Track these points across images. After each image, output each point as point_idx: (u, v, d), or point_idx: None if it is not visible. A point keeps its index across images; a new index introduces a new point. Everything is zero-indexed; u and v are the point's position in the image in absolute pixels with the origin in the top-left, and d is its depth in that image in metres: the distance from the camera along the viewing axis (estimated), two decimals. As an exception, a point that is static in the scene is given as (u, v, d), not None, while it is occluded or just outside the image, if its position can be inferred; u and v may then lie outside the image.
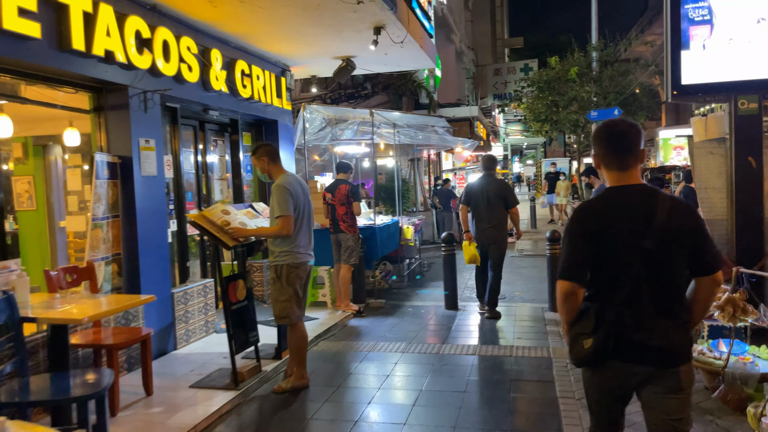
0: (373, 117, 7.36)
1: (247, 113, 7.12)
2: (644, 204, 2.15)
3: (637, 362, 2.15)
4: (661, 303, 2.14)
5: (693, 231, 2.15)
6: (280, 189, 4.33)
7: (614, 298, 2.15)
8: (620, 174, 2.22)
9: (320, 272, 7.37)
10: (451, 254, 7.18)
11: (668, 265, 2.14)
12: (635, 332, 2.13)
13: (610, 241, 2.14)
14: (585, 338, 2.17)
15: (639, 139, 2.23)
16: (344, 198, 6.83)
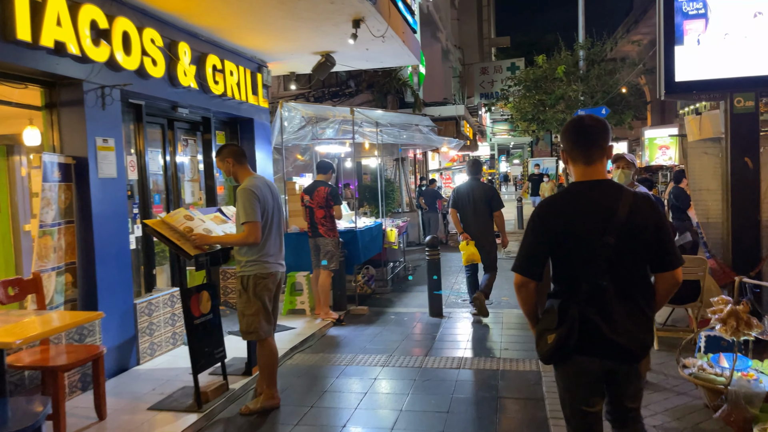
0: (354, 115, 7.00)
1: (220, 111, 6.73)
2: (607, 199, 2.15)
3: (601, 357, 2.17)
4: (624, 298, 2.15)
5: (655, 227, 2.15)
6: (246, 193, 3.95)
7: (577, 294, 2.14)
8: (585, 168, 2.23)
9: (298, 278, 6.99)
10: (435, 260, 6.84)
11: (631, 260, 2.14)
12: (598, 328, 2.13)
13: (573, 237, 2.15)
14: (549, 334, 2.18)
15: (605, 134, 2.23)
16: (323, 201, 6.46)
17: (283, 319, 6.68)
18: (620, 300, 2.14)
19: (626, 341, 2.14)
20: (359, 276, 8.34)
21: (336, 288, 7.08)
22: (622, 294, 2.15)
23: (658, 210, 2.21)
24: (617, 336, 2.13)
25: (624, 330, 2.14)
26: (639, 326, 2.17)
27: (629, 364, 2.21)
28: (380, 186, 8.92)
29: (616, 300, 2.14)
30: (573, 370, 2.24)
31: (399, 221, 9.58)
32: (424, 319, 6.79)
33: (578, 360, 2.19)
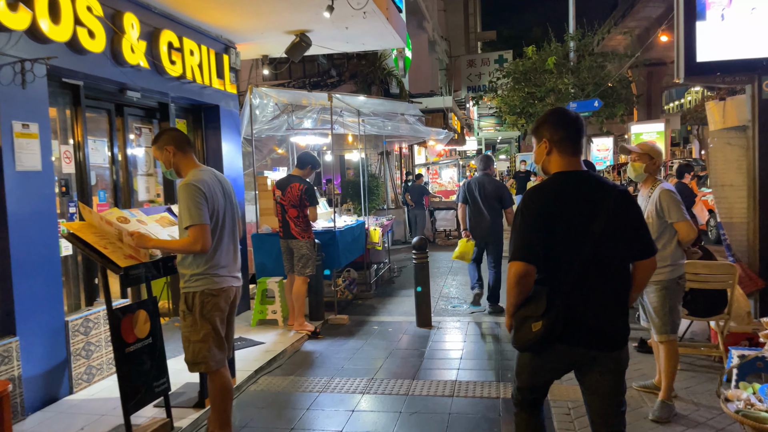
0: (332, 102, 6.18)
1: (180, 96, 5.87)
2: (592, 190, 2.20)
3: (584, 346, 2.18)
4: (608, 287, 2.19)
5: (634, 216, 2.22)
6: (190, 190, 3.13)
7: (565, 282, 2.15)
8: (572, 159, 2.25)
9: (270, 285, 6.17)
10: (423, 263, 6.05)
11: (615, 249, 2.18)
12: (584, 316, 2.16)
13: (563, 225, 2.16)
14: (533, 321, 2.15)
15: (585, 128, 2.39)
16: (296, 199, 5.63)
17: (251, 332, 5.87)
18: (604, 288, 2.18)
19: (610, 328, 2.19)
20: (339, 280, 7.54)
21: (312, 295, 6.28)
22: (606, 282, 2.18)
23: (633, 200, 2.27)
24: (601, 324, 2.17)
25: (607, 318, 2.19)
26: (621, 314, 2.23)
27: (610, 351, 2.21)
28: (363, 182, 8.11)
29: (600, 288, 2.17)
30: (551, 357, 2.23)
31: (383, 219, 8.78)
32: (411, 329, 6.01)
33: (559, 348, 2.18)
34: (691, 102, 46.58)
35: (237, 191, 6.78)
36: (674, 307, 3.74)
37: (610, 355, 2.21)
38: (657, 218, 3.71)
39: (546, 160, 2.30)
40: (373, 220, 8.40)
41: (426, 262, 6.09)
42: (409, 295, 7.76)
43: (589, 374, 2.25)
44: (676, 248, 3.72)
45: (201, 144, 6.48)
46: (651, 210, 3.76)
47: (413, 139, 10.49)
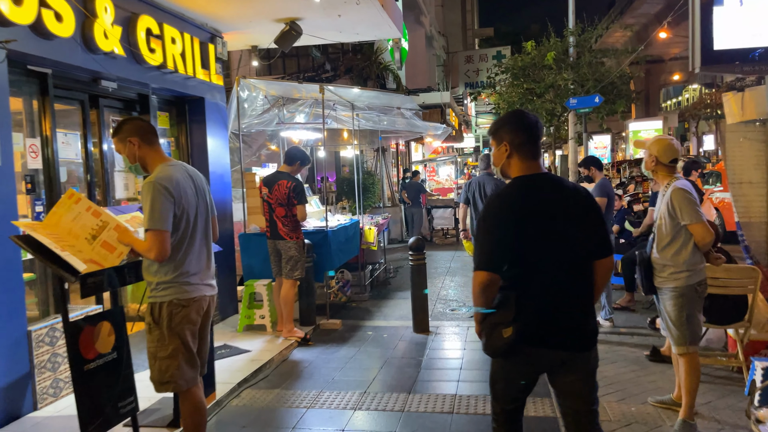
0: (324, 94, 5.81)
1: (161, 87, 5.48)
2: (554, 192, 2.20)
3: (555, 347, 2.17)
4: (575, 287, 2.19)
5: (595, 215, 2.24)
6: (154, 189, 2.75)
7: (533, 286, 2.15)
8: (532, 163, 2.25)
9: (258, 288, 5.80)
10: (420, 264, 5.69)
11: (580, 250, 2.19)
12: (555, 318, 2.15)
13: (527, 229, 2.15)
14: (504, 327, 2.13)
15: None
16: (284, 197, 5.26)
17: (238, 338, 5.50)
18: (572, 289, 2.18)
19: (580, 329, 2.19)
20: (332, 282, 7.18)
21: (303, 299, 5.92)
22: (573, 283, 2.18)
23: (593, 198, 2.30)
24: (571, 325, 2.17)
25: (577, 318, 2.18)
26: (588, 314, 2.24)
27: (578, 353, 2.20)
28: (357, 179, 7.73)
29: (568, 289, 2.17)
30: (522, 361, 2.21)
31: (379, 218, 8.42)
32: (408, 336, 5.65)
33: (531, 351, 2.17)
34: (688, 100, 46.35)
35: (223, 189, 6.45)
36: (693, 316, 3.39)
37: (581, 355, 2.20)
38: (669, 219, 3.36)
39: (506, 164, 2.28)
40: (368, 219, 8.03)
41: (423, 264, 5.73)
42: (405, 298, 7.40)
43: (559, 376, 2.24)
44: (693, 252, 3.36)
45: (185, 139, 6.10)
46: (663, 210, 3.42)
47: (410, 135, 10.11)
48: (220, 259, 6.08)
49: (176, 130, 6.06)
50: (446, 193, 13.95)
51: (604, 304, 5.85)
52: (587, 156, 6.11)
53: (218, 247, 4.11)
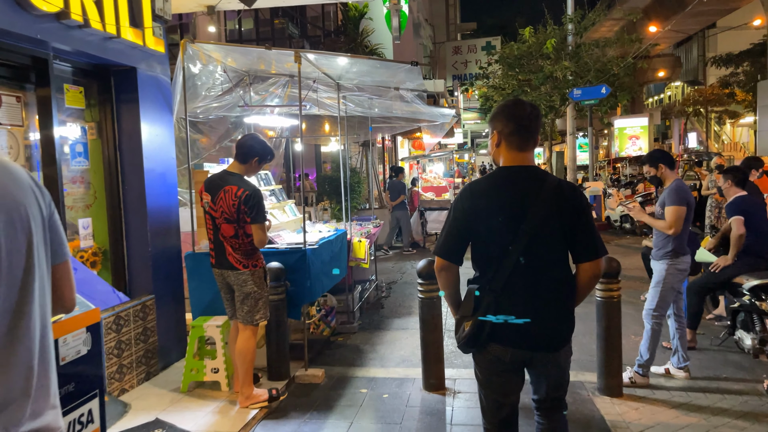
0: (300, 64, 4.11)
1: (70, 50, 3.77)
2: (528, 186, 2.08)
3: (516, 346, 2.09)
4: (541, 287, 2.07)
5: (576, 215, 2.08)
6: None
7: (493, 281, 2.07)
8: (517, 154, 2.14)
9: (210, 329, 4.13)
10: (432, 298, 4.07)
11: (549, 249, 2.07)
12: (513, 316, 2.06)
13: (492, 222, 2.07)
14: (467, 321, 2.10)
15: (540, 122, 2.19)
16: (231, 211, 3.60)
17: (179, 404, 3.83)
18: (538, 290, 2.06)
19: (544, 330, 2.08)
20: (313, 309, 5.52)
21: (271, 341, 4.26)
22: (541, 284, 2.06)
23: (582, 198, 2.16)
24: (533, 326, 2.05)
25: (541, 319, 2.06)
26: (555, 315, 2.10)
27: (544, 353, 2.12)
28: (343, 178, 6.08)
29: (533, 289, 2.06)
30: (488, 358, 2.14)
31: (370, 226, 6.77)
32: (416, 396, 4.03)
33: (493, 348, 2.11)
34: (670, 97, 45.50)
35: (166, 192, 4.63)
36: None
37: (547, 355, 2.12)
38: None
39: (495, 153, 2.21)
40: (357, 228, 6.39)
41: (438, 298, 4.11)
42: (404, 328, 5.79)
43: (529, 370, 2.21)
44: None
45: (110, 124, 4.37)
46: None
47: (405, 126, 8.44)
48: (163, 286, 4.37)
49: (97, 112, 4.33)
50: (440, 193, 12.34)
51: (676, 347, 4.32)
52: (653, 150, 4.51)
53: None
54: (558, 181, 2.12)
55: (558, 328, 2.11)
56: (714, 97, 30.80)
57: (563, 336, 2.13)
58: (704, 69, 38.21)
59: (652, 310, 4.18)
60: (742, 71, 27.97)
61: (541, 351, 2.11)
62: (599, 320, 3.98)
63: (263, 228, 3.61)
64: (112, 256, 4.36)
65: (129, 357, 4.09)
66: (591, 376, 4.22)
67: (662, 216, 4.17)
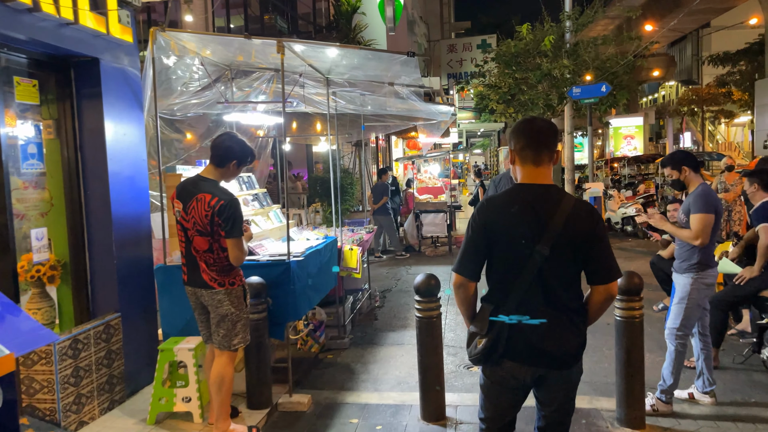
0: (283, 54, 3.62)
1: (19, 37, 3.29)
2: (544, 205, 2.07)
3: (529, 363, 2.09)
4: (554, 306, 2.07)
5: (590, 238, 2.06)
6: None
7: (508, 299, 2.07)
8: (534, 169, 2.12)
9: (181, 352, 3.64)
10: (431, 318, 3.60)
11: (563, 269, 2.07)
12: (528, 335, 2.05)
13: (506, 240, 2.07)
14: (479, 338, 2.10)
15: (556, 138, 2.19)
16: (204, 222, 3.12)
17: (144, 441, 3.34)
18: (552, 308, 2.06)
19: (555, 350, 2.07)
20: (300, 324, 5.06)
21: (251, 364, 3.79)
22: (554, 303, 2.06)
23: (597, 220, 2.11)
24: (546, 344, 2.05)
25: (554, 337, 2.05)
26: (568, 335, 2.08)
27: (559, 371, 2.11)
28: (333, 180, 5.62)
29: (547, 308, 2.06)
30: (501, 375, 2.13)
31: (363, 231, 6.30)
32: (413, 427, 3.57)
33: (508, 365, 2.10)
34: (664, 97, 45.24)
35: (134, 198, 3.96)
36: None
37: (560, 373, 2.11)
38: None
39: (513, 170, 2.21)
40: (348, 234, 5.92)
41: (437, 316, 3.64)
42: (399, 343, 5.33)
43: (540, 389, 2.18)
44: None
45: (70, 122, 3.88)
46: None
47: (400, 125, 7.94)
48: (131, 302, 3.85)
49: (55, 109, 3.83)
50: (437, 194, 11.88)
51: (701, 369, 3.88)
52: (675, 151, 4.06)
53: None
54: (575, 202, 2.09)
55: (570, 347, 2.10)
56: (709, 97, 30.55)
57: (575, 353, 2.12)
58: (698, 68, 38.01)
59: (676, 329, 3.74)
60: (738, 70, 27.72)
61: (554, 368, 2.10)
62: (619, 342, 3.54)
63: (240, 244, 3.14)
64: (72, 270, 3.88)
65: (89, 385, 3.61)
66: (608, 403, 3.78)
67: (687, 224, 3.73)
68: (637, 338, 3.51)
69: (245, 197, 4.76)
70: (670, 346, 3.79)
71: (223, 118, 5.11)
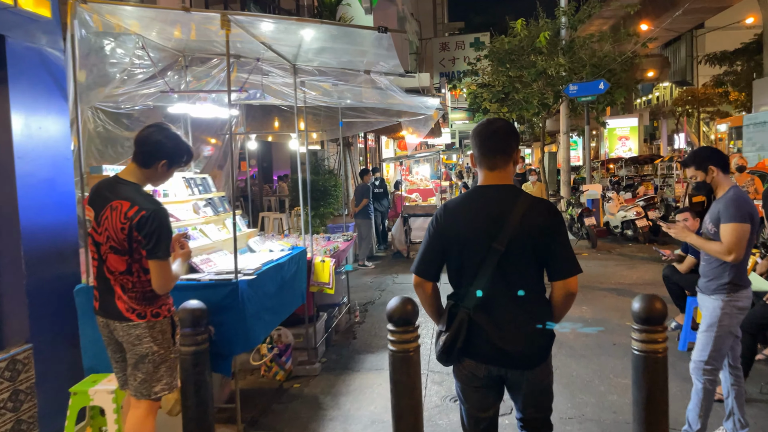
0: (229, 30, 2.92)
1: None
2: (500, 205, 2.08)
3: (487, 362, 2.11)
4: (514, 305, 2.08)
5: (548, 234, 2.06)
6: None
7: (467, 298, 2.09)
8: (488, 173, 2.15)
9: (97, 396, 2.94)
10: (407, 352, 2.91)
11: (522, 267, 2.07)
12: (487, 333, 2.07)
13: (463, 240, 2.09)
14: (444, 335, 2.13)
15: (512, 140, 2.15)
16: (121, 237, 2.44)
17: None
18: (510, 306, 2.07)
19: (513, 348, 2.06)
20: (264, 347, 4.37)
21: (190, 411, 3.08)
22: (512, 300, 2.07)
23: (555, 216, 2.11)
24: (504, 342, 2.06)
25: (512, 336, 2.06)
26: (529, 333, 2.08)
27: (519, 370, 2.10)
28: (303, 181, 4.93)
29: (505, 306, 2.07)
30: (464, 373, 2.17)
31: (340, 239, 5.61)
32: (386, 486, 2.88)
33: (468, 363, 2.14)
34: (659, 98, 44.75)
35: (54, 205, 3.23)
36: None
37: (522, 373, 2.10)
38: None
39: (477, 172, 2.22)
40: (321, 244, 5.22)
41: (415, 350, 2.94)
42: (378, 368, 4.65)
43: (508, 389, 2.20)
44: None
45: (-30, 112, 3.17)
46: None
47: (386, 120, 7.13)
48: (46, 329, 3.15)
49: (-52, 96, 3.12)
50: (426, 196, 11.20)
51: (731, 408, 3.21)
52: (700, 148, 3.36)
53: None
54: (532, 199, 2.10)
55: (531, 346, 2.09)
56: (704, 97, 30.06)
57: (537, 354, 2.10)
58: (692, 69, 37.54)
59: (704, 363, 3.08)
60: (734, 70, 27.22)
61: (515, 368, 2.10)
62: (637, 381, 2.84)
63: (165, 268, 2.44)
64: (-28, 292, 3.16)
65: (-16, 436, 2.90)
66: (622, 451, 3.10)
67: (715, 236, 3.07)
68: (660, 377, 2.82)
69: (196, 202, 4.06)
70: (696, 383, 3.12)
71: (168, 110, 4.40)
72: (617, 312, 5.99)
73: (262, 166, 14.30)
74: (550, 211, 2.09)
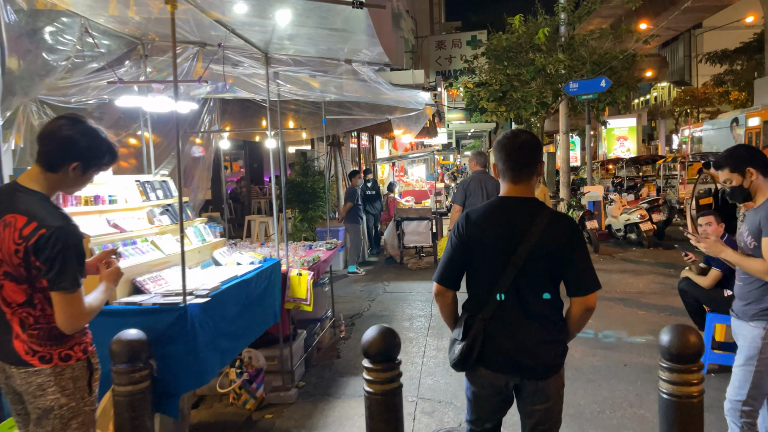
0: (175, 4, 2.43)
1: None
2: (522, 218, 2.08)
3: (503, 371, 2.11)
4: (530, 317, 2.07)
5: (567, 250, 2.06)
6: None
7: (484, 308, 2.10)
8: (512, 186, 2.14)
9: (13, 448, 2.41)
10: (385, 394, 2.38)
11: (540, 280, 2.08)
12: (502, 342, 2.07)
13: (482, 252, 2.11)
14: (458, 344, 2.13)
15: (537, 154, 2.15)
16: (16, 262, 1.89)
17: None
18: (526, 319, 2.07)
19: (528, 359, 2.06)
20: (232, 372, 3.84)
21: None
22: (529, 313, 2.07)
23: (575, 233, 2.10)
24: (519, 354, 2.06)
25: (526, 348, 2.06)
26: (544, 345, 2.07)
27: (534, 381, 2.09)
28: (275, 184, 4.39)
29: (521, 318, 2.07)
30: (479, 382, 2.16)
31: (322, 248, 5.08)
32: None
33: (483, 372, 2.13)
34: (656, 98, 44.27)
35: None
36: None
37: (536, 384, 2.09)
38: None
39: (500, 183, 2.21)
40: (300, 253, 4.69)
41: (397, 390, 2.41)
42: (362, 393, 4.08)
43: (520, 401, 2.16)
44: None
45: None
46: None
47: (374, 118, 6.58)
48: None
49: None
50: (421, 198, 10.67)
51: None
52: (736, 146, 2.82)
53: None
54: (554, 214, 2.10)
55: (546, 357, 2.08)
56: (703, 97, 29.61)
57: (551, 365, 2.09)
58: (691, 69, 37.07)
59: (742, 403, 2.57)
60: (733, 69, 26.76)
61: (528, 378, 2.08)
62: (667, 428, 2.33)
63: (74, 302, 1.90)
64: None
65: None
66: None
67: (755, 251, 2.55)
68: (695, 424, 2.31)
69: (151, 209, 3.52)
70: (733, 426, 2.61)
71: (115, 103, 3.86)
72: (625, 326, 5.47)
73: (252, 166, 13.76)
74: (571, 227, 2.09)
